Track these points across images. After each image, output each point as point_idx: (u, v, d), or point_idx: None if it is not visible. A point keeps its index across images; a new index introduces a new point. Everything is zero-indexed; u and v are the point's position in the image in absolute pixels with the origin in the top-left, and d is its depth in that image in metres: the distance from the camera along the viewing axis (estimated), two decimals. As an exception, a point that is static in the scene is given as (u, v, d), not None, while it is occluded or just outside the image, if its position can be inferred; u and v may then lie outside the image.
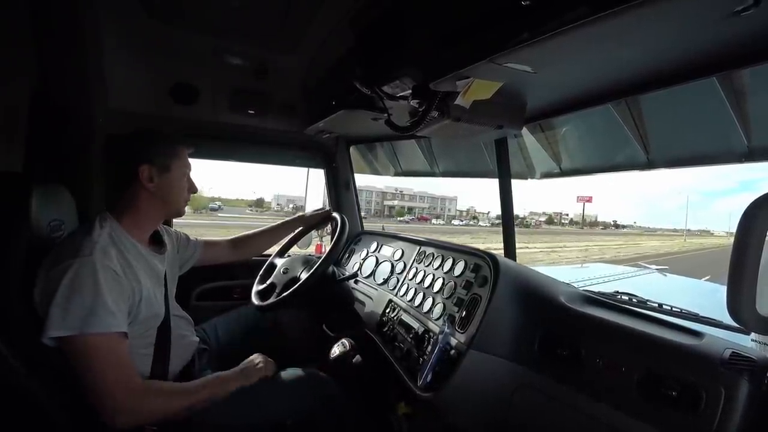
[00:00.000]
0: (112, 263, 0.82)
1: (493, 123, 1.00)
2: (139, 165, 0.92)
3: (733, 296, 0.47)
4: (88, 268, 0.78)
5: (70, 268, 0.77)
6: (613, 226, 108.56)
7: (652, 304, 0.99)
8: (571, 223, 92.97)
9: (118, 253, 0.86)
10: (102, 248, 0.82)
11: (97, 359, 0.76)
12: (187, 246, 1.23)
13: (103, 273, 0.79)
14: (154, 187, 0.94)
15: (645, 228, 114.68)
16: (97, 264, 0.78)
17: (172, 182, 0.97)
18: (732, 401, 0.59)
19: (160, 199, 0.96)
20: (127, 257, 0.88)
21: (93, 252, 0.80)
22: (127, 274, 0.85)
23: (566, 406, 0.78)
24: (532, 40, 0.59)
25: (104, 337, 0.77)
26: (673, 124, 1.11)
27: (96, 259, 0.79)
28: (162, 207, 0.98)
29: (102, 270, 0.79)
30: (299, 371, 1.04)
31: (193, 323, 1.13)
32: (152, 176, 0.93)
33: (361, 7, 0.96)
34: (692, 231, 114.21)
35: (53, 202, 0.97)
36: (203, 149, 1.09)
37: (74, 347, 0.75)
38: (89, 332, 0.75)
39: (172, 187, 0.97)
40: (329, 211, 1.45)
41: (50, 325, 0.74)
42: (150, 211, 0.96)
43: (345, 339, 1.29)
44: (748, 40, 0.64)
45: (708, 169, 47.60)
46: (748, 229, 0.46)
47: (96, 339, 0.76)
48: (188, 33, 1.21)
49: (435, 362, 0.90)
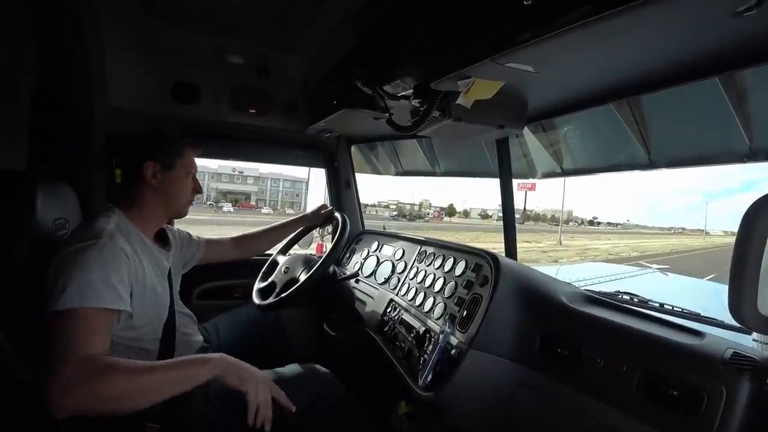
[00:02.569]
0: (119, 244, 0.83)
1: (495, 123, 1.00)
2: (144, 161, 0.94)
3: (734, 296, 0.47)
4: (95, 248, 0.78)
5: (78, 248, 0.77)
6: (588, 223, 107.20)
7: (653, 304, 0.99)
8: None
9: (125, 240, 0.87)
10: (110, 233, 0.83)
11: (77, 329, 0.71)
12: (191, 244, 1.24)
13: (111, 252, 0.80)
14: (158, 183, 0.95)
15: (641, 226, 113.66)
16: (104, 245, 0.79)
17: (175, 180, 0.99)
18: (733, 401, 0.59)
19: (162, 197, 0.97)
20: (134, 246, 0.89)
21: (102, 236, 0.81)
22: (134, 259, 0.86)
23: (567, 406, 0.78)
24: (533, 39, 0.59)
25: (96, 311, 0.74)
26: (674, 124, 1.11)
27: (105, 240, 0.80)
28: (165, 205, 0.99)
29: (109, 250, 0.80)
30: (300, 369, 1.04)
31: (196, 321, 1.14)
32: (156, 173, 0.95)
33: (362, 7, 0.96)
34: (686, 230, 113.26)
35: (57, 200, 0.98)
36: (205, 148, 1.09)
37: (66, 319, 0.71)
38: (85, 305, 0.72)
39: (175, 185, 0.99)
40: (332, 210, 1.45)
41: (52, 299, 0.72)
42: (153, 208, 0.98)
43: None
44: (751, 41, 0.64)
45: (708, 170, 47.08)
46: (749, 228, 0.46)
47: (88, 312, 0.73)
48: (189, 32, 1.21)
49: (436, 362, 0.90)
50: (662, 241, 37.05)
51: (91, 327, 0.73)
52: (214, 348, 1.19)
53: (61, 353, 0.68)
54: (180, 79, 1.45)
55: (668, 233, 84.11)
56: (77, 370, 0.67)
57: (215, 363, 0.78)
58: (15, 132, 1.09)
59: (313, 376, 1.04)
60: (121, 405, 0.69)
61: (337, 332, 1.40)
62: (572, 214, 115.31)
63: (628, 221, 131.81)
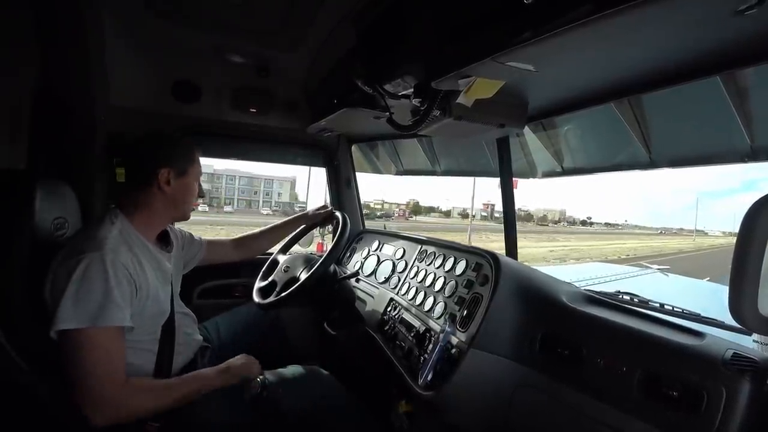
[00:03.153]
0: (121, 258, 0.83)
1: (495, 122, 1.00)
2: (160, 167, 0.94)
3: (735, 296, 0.47)
4: (98, 262, 0.79)
5: (81, 262, 0.78)
6: (580, 223, 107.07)
7: (653, 304, 0.98)
8: (488, 218, 77.86)
9: (127, 249, 0.87)
10: (112, 244, 0.83)
11: (93, 352, 0.76)
12: (192, 244, 1.24)
13: (113, 268, 0.80)
14: (171, 190, 0.96)
15: (641, 227, 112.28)
16: (107, 259, 0.79)
17: (187, 186, 1.00)
18: (733, 402, 0.59)
19: (173, 202, 0.98)
20: (137, 254, 0.89)
21: (103, 247, 0.81)
22: (137, 271, 0.86)
23: (567, 406, 0.78)
24: (534, 38, 0.59)
25: (108, 331, 0.78)
26: (675, 123, 1.11)
27: (106, 254, 0.80)
28: (174, 209, 1.00)
29: (112, 265, 0.80)
30: (300, 369, 1.04)
31: (197, 321, 1.14)
32: (170, 179, 0.95)
33: (363, 6, 0.95)
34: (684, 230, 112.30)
35: (57, 199, 0.98)
36: (205, 147, 1.09)
37: (77, 340, 0.76)
38: (97, 325, 0.76)
39: (186, 192, 1.00)
40: (332, 210, 1.45)
41: (60, 317, 0.74)
42: (162, 212, 0.98)
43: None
44: (752, 39, 0.63)
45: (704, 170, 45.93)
46: (750, 229, 0.46)
47: (100, 332, 0.77)
48: (190, 31, 1.21)
49: (436, 361, 0.90)
50: (638, 243, 33.96)
51: (109, 347, 0.79)
52: (214, 347, 1.19)
53: (86, 373, 0.76)
54: (181, 78, 1.45)
55: (653, 234, 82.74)
56: (109, 392, 0.77)
57: (233, 375, 0.95)
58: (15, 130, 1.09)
59: (313, 376, 1.04)
60: (146, 415, 0.82)
61: (337, 331, 1.40)
62: (565, 214, 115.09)
63: (626, 221, 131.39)
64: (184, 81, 1.46)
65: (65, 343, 0.76)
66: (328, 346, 1.52)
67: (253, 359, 1.02)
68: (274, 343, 1.32)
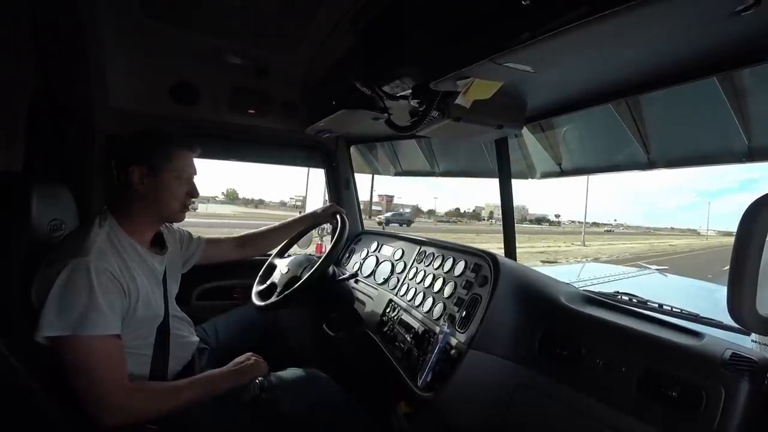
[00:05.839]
0: (108, 264, 0.82)
1: (494, 123, 1.00)
2: (129, 165, 0.91)
3: (733, 296, 0.47)
4: (83, 269, 0.78)
5: (65, 268, 0.77)
6: (547, 222, 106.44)
7: (652, 305, 0.99)
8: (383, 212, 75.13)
9: (115, 253, 0.86)
10: (99, 249, 0.82)
11: (86, 360, 0.76)
12: (190, 243, 1.23)
13: (98, 274, 0.79)
14: (144, 189, 0.92)
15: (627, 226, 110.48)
16: (92, 265, 0.78)
17: (163, 185, 0.94)
18: (732, 402, 0.59)
19: (150, 202, 0.94)
20: (125, 258, 0.88)
21: (89, 253, 0.80)
22: (124, 275, 0.85)
23: (566, 406, 0.78)
24: (532, 39, 0.59)
25: (95, 339, 0.77)
26: (673, 124, 1.11)
27: (91, 260, 0.79)
28: (155, 210, 0.96)
29: (97, 271, 0.79)
30: (299, 371, 1.04)
31: (192, 323, 1.13)
32: (142, 178, 0.92)
33: (361, 7, 0.95)
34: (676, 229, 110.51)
35: (54, 201, 0.97)
36: (204, 149, 1.09)
37: (65, 347, 0.76)
38: (81, 334, 0.75)
39: (163, 190, 0.95)
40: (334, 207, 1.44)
41: (43, 324, 0.74)
42: (142, 213, 0.95)
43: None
44: (749, 40, 0.64)
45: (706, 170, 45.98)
46: (748, 229, 0.46)
47: (87, 340, 0.76)
48: (188, 32, 1.20)
49: (435, 362, 0.90)
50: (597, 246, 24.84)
51: (110, 353, 0.79)
52: (212, 348, 1.19)
53: (88, 380, 0.76)
54: (179, 80, 1.45)
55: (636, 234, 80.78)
56: (113, 398, 0.77)
57: (243, 374, 0.96)
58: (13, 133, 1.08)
59: (312, 378, 1.04)
60: (157, 417, 0.82)
61: (336, 333, 1.39)
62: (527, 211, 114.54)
63: (614, 221, 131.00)
64: (182, 83, 1.45)
65: (59, 350, 0.76)
66: (327, 347, 1.52)
67: (260, 359, 1.02)
68: (272, 344, 1.32)
